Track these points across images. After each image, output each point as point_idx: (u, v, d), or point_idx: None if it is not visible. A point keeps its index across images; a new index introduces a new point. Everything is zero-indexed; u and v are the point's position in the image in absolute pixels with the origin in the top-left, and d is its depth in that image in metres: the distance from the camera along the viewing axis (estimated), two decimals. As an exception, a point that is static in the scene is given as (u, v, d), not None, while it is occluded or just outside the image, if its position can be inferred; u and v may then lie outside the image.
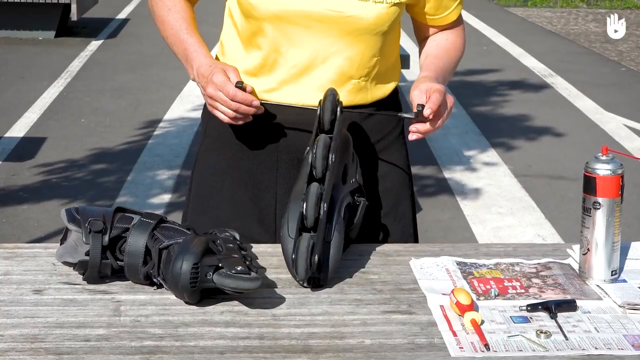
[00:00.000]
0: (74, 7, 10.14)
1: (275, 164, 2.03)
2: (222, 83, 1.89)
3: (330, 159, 1.81)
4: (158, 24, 2.08)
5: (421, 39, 2.14)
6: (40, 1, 10.15)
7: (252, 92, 1.92)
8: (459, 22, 2.14)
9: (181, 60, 2.03)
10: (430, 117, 1.87)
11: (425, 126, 1.89)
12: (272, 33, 1.96)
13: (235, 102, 1.88)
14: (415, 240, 2.16)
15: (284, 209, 1.83)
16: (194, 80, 2.01)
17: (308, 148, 1.87)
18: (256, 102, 1.89)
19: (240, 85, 1.89)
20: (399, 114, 1.97)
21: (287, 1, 1.92)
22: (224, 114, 1.91)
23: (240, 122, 1.93)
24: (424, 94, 1.89)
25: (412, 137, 1.91)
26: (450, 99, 1.93)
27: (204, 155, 2.12)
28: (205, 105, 2.14)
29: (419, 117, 1.88)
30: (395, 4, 1.96)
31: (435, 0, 2.05)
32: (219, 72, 1.90)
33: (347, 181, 1.86)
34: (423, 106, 1.87)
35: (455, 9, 2.09)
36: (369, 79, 2.02)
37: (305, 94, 1.98)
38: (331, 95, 1.88)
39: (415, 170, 6.01)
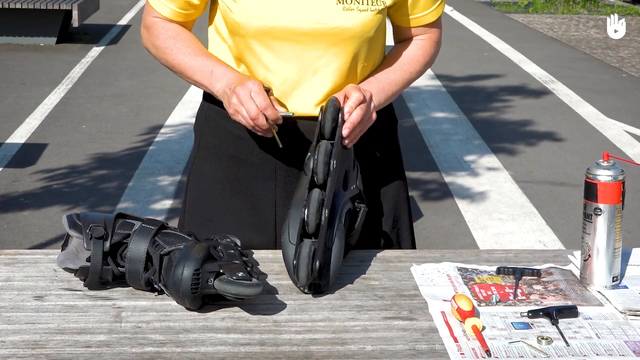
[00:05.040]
0: (75, 14, 10.15)
1: (273, 173, 2.02)
2: (258, 89, 1.87)
3: (331, 165, 1.82)
4: (163, 55, 2.05)
5: (397, 41, 2.13)
6: (42, 7, 10.16)
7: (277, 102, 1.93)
8: (435, 25, 2.09)
9: (200, 80, 1.99)
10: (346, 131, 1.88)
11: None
12: (259, 50, 1.96)
13: (262, 112, 1.86)
14: (413, 245, 2.16)
15: (283, 218, 1.83)
16: (216, 93, 1.97)
17: (309, 154, 1.87)
18: (279, 122, 1.88)
19: (268, 89, 1.90)
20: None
21: (273, 18, 1.92)
22: (244, 118, 1.88)
23: (258, 132, 1.91)
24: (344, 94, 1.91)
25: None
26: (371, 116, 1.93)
27: (198, 166, 2.10)
28: (197, 116, 2.14)
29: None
30: (379, 11, 1.96)
31: (418, 1, 2.03)
32: (254, 81, 1.89)
33: (348, 187, 1.86)
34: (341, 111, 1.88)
35: (434, 11, 2.06)
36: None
37: (299, 106, 1.98)
38: (332, 105, 1.87)
39: (416, 176, 6.03)
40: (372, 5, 1.94)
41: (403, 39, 2.10)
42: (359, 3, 1.93)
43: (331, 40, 1.94)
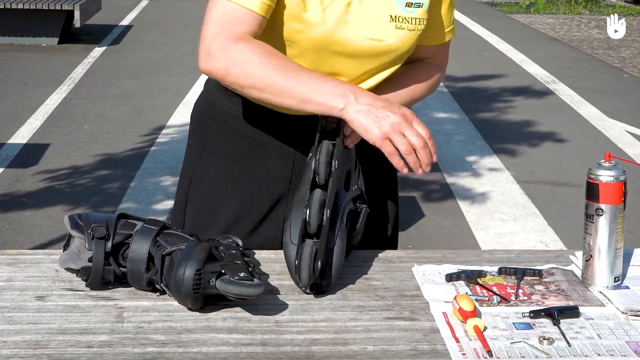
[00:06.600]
0: (77, 14, 10.16)
1: (289, 176, 2.00)
2: (419, 122, 1.78)
3: (333, 165, 1.82)
4: (262, 71, 1.81)
5: (404, 62, 2.13)
6: (44, 8, 10.17)
7: None
8: (444, 49, 2.11)
9: (313, 96, 1.80)
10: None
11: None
12: (310, 59, 1.93)
13: (425, 144, 1.77)
14: (396, 245, 2.16)
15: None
16: (341, 110, 1.79)
17: (310, 154, 1.87)
18: (435, 158, 1.79)
19: None
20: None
21: (337, 31, 1.90)
22: (401, 148, 1.76)
23: (404, 170, 1.79)
24: None
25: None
26: None
27: (205, 168, 2.05)
28: (199, 117, 2.09)
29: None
30: (421, 31, 1.97)
31: (435, 20, 2.03)
32: (404, 107, 1.82)
33: (349, 188, 1.86)
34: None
35: (447, 33, 2.08)
36: None
37: None
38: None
39: (418, 176, 6.02)
40: (418, 25, 1.95)
41: (411, 59, 2.10)
42: (408, 23, 1.94)
43: (380, 57, 1.95)
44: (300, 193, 1.83)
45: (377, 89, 2.00)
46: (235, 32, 1.83)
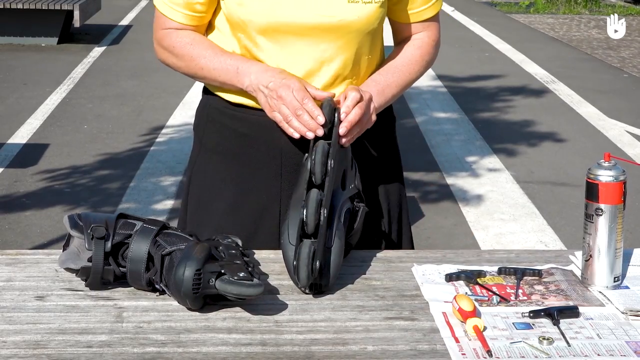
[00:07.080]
0: (76, 14, 10.15)
1: (279, 170, 2.02)
2: (299, 88, 1.88)
3: (329, 164, 1.82)
4: (184, 62, 2.04)
5: (396, 43, 2.13)
6: (43, 8, 10.17)
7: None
8: (434, 23, 2.09)
9: (227, 81, 1.99)
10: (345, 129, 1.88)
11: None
12: (266, 45, 1.96)
13: (303, 108, 1.87)
14: (411, 244, 2.16)
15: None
16: (246, 89, 1.97)
17: (307, 154, 1.87)
18: (321, 119, 1.86)
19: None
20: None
21: (280, 13, 1.92)
22: (283, 116, 1.89)
23: (295, 134, 1.88)
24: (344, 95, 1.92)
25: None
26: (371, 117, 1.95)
27: (201, 165, 2.09)
28: (197, 115, 2.13)
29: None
30: (382, 4, 1.97)
31: None
32: (295, 79, 1.90)
33: (346, 187, 1.86)
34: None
35: (432, 6, 2.07)
36: (359, 78, 2.02)
37: None
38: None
39: (418, 176, 6.03)
40: None
41: (402, 38, 2.10)
42: None
43: (337, 34, 1.95)
44: (296, 194, 1.83)
45: (376, 73, 2.01)
46: (164, 27, 2.05)
